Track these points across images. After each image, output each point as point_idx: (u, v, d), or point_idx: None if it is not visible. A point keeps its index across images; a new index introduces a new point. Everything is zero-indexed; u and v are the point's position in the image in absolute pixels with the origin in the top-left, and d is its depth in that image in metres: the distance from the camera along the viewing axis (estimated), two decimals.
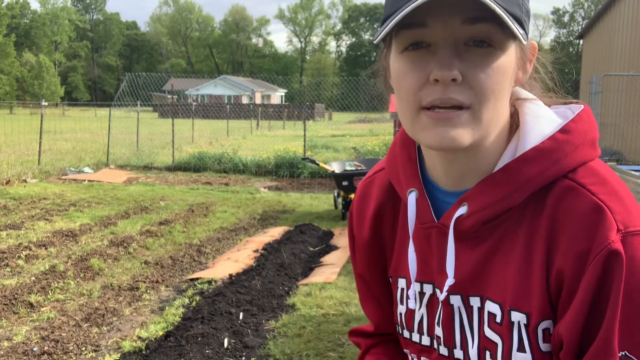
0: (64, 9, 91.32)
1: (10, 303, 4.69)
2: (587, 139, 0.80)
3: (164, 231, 7.37)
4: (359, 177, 8.24)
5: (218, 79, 65.32)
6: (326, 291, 5.06)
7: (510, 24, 0.70)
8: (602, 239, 0.72)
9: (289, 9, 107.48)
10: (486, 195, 0.80)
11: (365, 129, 28.93)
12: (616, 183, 0.78)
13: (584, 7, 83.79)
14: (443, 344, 0.90)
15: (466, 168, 0.83)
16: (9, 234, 7.08)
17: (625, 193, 0.76)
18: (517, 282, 0.79)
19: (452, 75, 0.72)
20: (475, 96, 0.74)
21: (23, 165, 13.01)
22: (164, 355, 3.69)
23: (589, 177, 0.77)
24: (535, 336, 0.79)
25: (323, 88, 49.23)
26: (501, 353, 0.81)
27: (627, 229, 0.72)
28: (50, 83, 66.37)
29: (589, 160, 0.79)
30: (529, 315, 0.78)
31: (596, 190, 0.75)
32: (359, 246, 1.04)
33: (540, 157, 0.78)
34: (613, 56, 17.15)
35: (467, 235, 0.84)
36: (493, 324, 0.82)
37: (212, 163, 14.26)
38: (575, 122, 0.81)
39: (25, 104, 46.94)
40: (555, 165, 0.77)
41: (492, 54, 0.73)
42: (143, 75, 21.99)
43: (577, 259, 0.73)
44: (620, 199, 0.75)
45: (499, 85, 0.74)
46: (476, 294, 0.84)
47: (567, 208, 0.75)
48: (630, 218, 0.73)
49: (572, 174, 0.77)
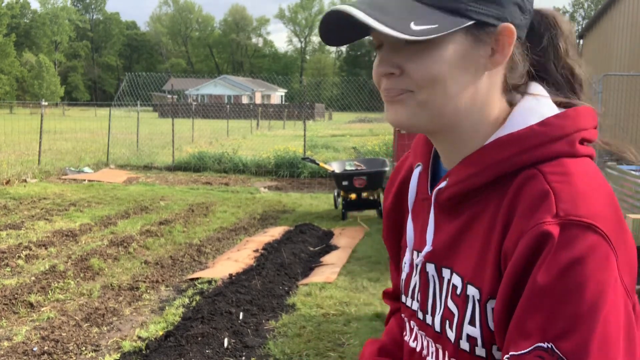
0: (64, 8, 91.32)
1: (10, 303, 4.69)
2: (565, 135, 0.81)
3: (164, 231, 7.37)
4: (359, 177, 8.24)
5: (218, 79, 65.30)
6: (326, 291, 5.06)
7: (384, 29, 0.75)
8: (537, 219, 0.74)
9: (289, 8, 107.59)
10: (460, 172, 0.86)
11: (365, 129, 28.93)
12: (582, 179, 0.77)
13: (584, 7, 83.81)
14: (420, 308, 0.97)
15: (452, 149, 0.89)
16: (9, 233, 7.08)
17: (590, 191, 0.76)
18: (477, 259, 0.83)
19: (385, 71, 0.83)
20: (413, 83, 0.82)
21: (23, 165, 13.00)
22: (164, 355, 3.69)
23: (552, 168, 0.78)
24: (485, 312, 0.81)
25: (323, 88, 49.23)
26: (455, 324, 0.86)
27: (568, 217, 0.72)
28: (50, 83, 66.37)
29: (563, 156, 0.80)
30: (481, 291, 0.82)
31: (552, 178, 0.77)
32: (384, 213, 1.13)
33: (511, 143, 0.81)
34: (613, 56, 17.14)
35: (446, 208, 0.90)
36: (454, 295, 0.87)
37: (212, 163, 14.26)
38: (559, 118, 0.83)
39: (25, 104, 46.95)
40: (525, 153, 0.80)
41: (426, 48, 0.80)
42: (143, 75, 21.99)
43: (516, 238, 0.76)
44: (573, 190, 0.75)
45: (433, 72, 0.80)
46: (447, 266, 0.89)
47: (524, 193, 0.78)
48: (576, 208, 0.73)
49: (541, 164, 0.79)
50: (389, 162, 9.27)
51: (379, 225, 7.98)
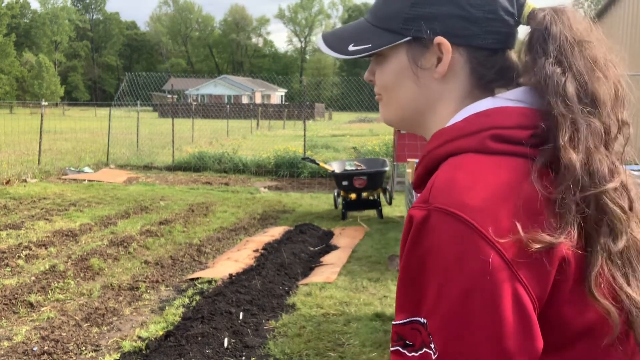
0: (64, 8, 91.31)
1: (10, 303, 4.69)
2: (477, 131, 0.83)
3: (164, 231, 7.37)
4: (359, 177, 8.24)
5: (218, 79, 65.29)
6: (326, 291, 5.06)
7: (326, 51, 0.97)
8: (414, 204, 0.80)
9: (289, 8, 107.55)
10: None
11: (365, 129, 28.94)
12: (467, 173, 0.77)
13: (584, 7, 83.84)
14: None
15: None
16: (9, 233, 7.08)
17: (470, 185, 0.76)
18: None
19: (366, 78, 1.01)
20: (378, 88, 0.99)
21: (23, 165, 13.00)
22: (164, 355, 3.69)
23: (452, 160, 0.82)
24: None
25: (323, 88, 49.23)
26: None
27: (434, 204, 0.76)
28: (50, 83, 66.35)
29: (470, 150, 0.81)
30: None
31: (443, 168, 0.82)
32: None
33: (437, 137, 0.88)
34: None
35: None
36: None
37: (212, 163, 14.26)
38: (478, 115, 0.85)
39: (25, 104, 46.91)
40: (444, 146, 0.86)
41: (379, 61, 0.97)
42: (143, 75, 22.00)
43: None
44: (451, 182, 0.77)
45: (386, 81, 0.96)
46: None
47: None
48: (444, 197, 0.75)
49: (450, 157, 0.83)
50: (389, 162, 9.28)
51: (378, 225, 7.98)
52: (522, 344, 0.71)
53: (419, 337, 0.76)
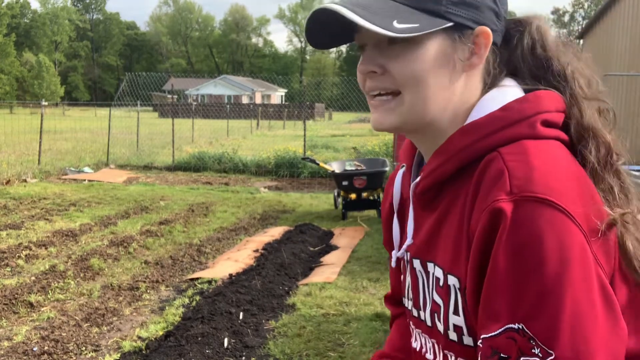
0: (64, 8, 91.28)
1: (10, 303, 4.69)
2: (524, 118, 0.82)
3: (164, 231, 7.37)
4: (359, 177, 8.24)
5: (218, 79, 65.27)
6: (326, 291, 5.06)
7: (370, 26, 0.77)
8: (491, 197, 0.74)
9: (289, 8, 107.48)
10: (430, 164, 0.88)
11: (365, 129, 28.90)
12: (539, 158, 0.77)
13: (584, 7, 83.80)
14: (413, 306, 0.97)
15: (430, 146, 0.91)
16: (9, 233, 7.08)
17: (547, 168, 0.76)
18: (453, 248, 0.84)
19: (368, 69, 0.86)
20: (396, 83, 0.84)
21: (23, 165, 13.00)
22: (164, 355, 3.69)
23: (510, 149, 0.79)
24: (465, 300, 0.82)
25: (323, 88, 49.23)
26: (442, 315, 0.86)
27: (522, 193, 0.72)
28: (50, 83, 66.33)
29: (523, 138, 0.80)
30: (460, 279, 0.82)
31: (508, 158, 0.78)
32: (383, 218, 1.15)
33: (472, 130, 0.83)
34: (613, 56, 17.14)
35: (423, 202, 0.92)
36: (438, 287, 0.87)
37: (212, 163, 14.26)
38: (517, 102, 0.84)
39: (25, 104, 46.87)
40: (486, 138, 0.81)
41: (404, 47, 0.82)
42: (143, 75, 22.01)
43: (476, 220, 0.77)
44: (528, 168, 0.75)
45: (416, 72, 0.83)
46: (431, 260, 0.90)
47: (485, 175, 0.79)
48: (529, 185, 0.73)
49: (501, 147, 0.80)
50: (389, 162, 9.28)
51: (379, 225, 7.97)
52: (612, 325, 0.71)
53: (514, 347, 0.70)
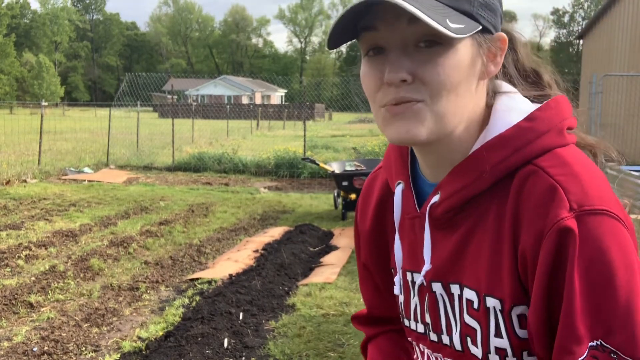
0: (64, 9, 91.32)
1: (10, 303, 4.68)
2: (552, 126, 0.81)
3: (164, 231, 7.37)
4: (359, 177, 8.24)
5: (218, 79, 65.30)
6: (326, 291, 5.06)
7: (433, 23, 0.70)
8: (553, 216, 0.73)
9: (289, 9, 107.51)
10: (453, 183, 0.83)
11: (365, 129, 28.90)
12: (580, 166, 0.77)
13: (584, 7, 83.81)
14: (432, 330, 0.93)
15: (440, 159, 0.86)
16: (9, 234, 7.08)
17: (590, 177, 0.76)
18: (490, 268, 0.81)
19: (400, 77, 0.75)
20: (428, 92, 0.76)
21: (23, 165, 13.00)
22: (164, 355, 3.69)
23: (549, 161, 0.78)
24: (510, 322, 0.80)
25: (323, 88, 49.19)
26: (480, 339, 0.83)
27: (582, 207, 0.72)
28: (50, 83, 66.37)
29: (555, 147, 0.80)
30: (502, 301, 0.80)
31: (553, 172, 0.76)
32: (363, 237, 1.08)
33: (502, 145, 0.80)
34: (613, 56, 17.14)
35: (441, 222, 0.87)
36: (471, 310, 0.84)
37: (212, 163, 14.26)
38: (543, 110, 0.82)
39: (25, 104, 46.87)
40: (519, 152, 0.79)
41: (439, 51, 0.75)
42: (143, 75, 22.01)
43: (534, 239, 0.75)
44: (578, 180, 0.75)
45: (451, 79, 0.76)
46: (455, 281, 0.87)
47: (527, 190, 0.77)
48: (586, 198, 0.73)
49: (536, 159, 0.79)
50: None
51: None
52: None
53: None
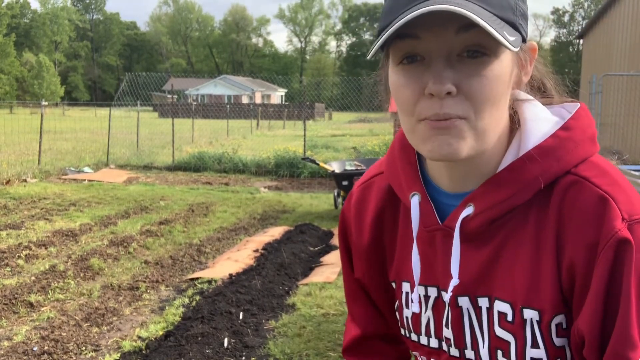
0: (64, 8, 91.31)
1: (10, 303, 4.69)
2: (587, 135, 0.82)
3: (164, 231, 7.37)
4: (359, 177, 8.24)
5: (218, 79, 65.28)
6: (326, 291, 5.06)
7: (497, 35, 0.69)
8: (609, 228, 0.73)
9: (289, 8, 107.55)
10: (492, 195, 0.81)
11: (365, 129, 28.91)
12: (617, 175, 0.79)
13: (584, 7, 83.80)
14: (454, 345, 0.90)
15: (468, 170, 0.84)
16: (9, 233, 7.08)
17: (626, 184, 0.79)
18: (527, 280, 0.80)
19: (446, 89, 0.72)
20: (472, 107, 0.74)
21: (23, 165, 13.00)
22: (164, 355, 3.69)
23: (590, 171, 0.78)
24: (548, 331, 0.80)
25: (323, 88, 49.22)
26: (514, 351, 0.82)
27: (632, 217, 0.74)
28: (50, 83, 66.34)
29: (590, 156, 0.81)
30: (542, 312, 0.80)
31: (599, 182, 0.77)
32: (359, 252, 1.02)
33: (544, 155, 0.79)
34: (613, 56, 17.14)
35: (472, 236, 0.84)
36: (504, 323, 0.83)
37: (212, 163, 14.26)
38: (575, 120, 0.83)
39: (25, 104, 46.85)
40: (559, 162, 0.79)
41: (485, 62, 0.73)
42: (143, 75, 22.02)
43: (587, 250, 0.75)
44: (622, 189, 0.77)
45: (495, 92, 0.74)
46: (484, 295, 0.85)
47: (573, 201, 0.77)
48: (633, 207, 0.75)
49: (575, 169, 0.79)
50: None
51: None
52: None
53: None
